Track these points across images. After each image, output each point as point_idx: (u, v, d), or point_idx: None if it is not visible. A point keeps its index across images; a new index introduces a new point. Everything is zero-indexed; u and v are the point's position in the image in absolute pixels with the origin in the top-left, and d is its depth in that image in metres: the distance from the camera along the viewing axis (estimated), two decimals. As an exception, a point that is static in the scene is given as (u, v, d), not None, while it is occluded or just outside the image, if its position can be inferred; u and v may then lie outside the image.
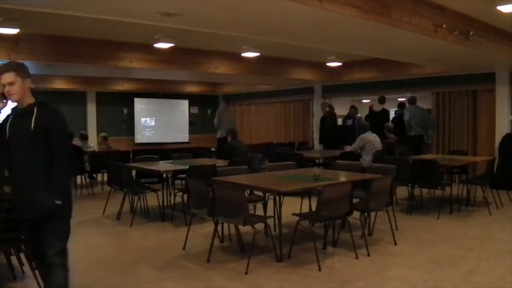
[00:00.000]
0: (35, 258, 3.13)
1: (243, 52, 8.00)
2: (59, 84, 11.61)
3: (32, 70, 2.78)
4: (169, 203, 6.43)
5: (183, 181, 6.39)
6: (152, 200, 6.33)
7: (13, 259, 3.80)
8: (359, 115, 11.26)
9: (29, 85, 2.70)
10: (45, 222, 2.66)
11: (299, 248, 4.57)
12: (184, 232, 4.89)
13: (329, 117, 10.72)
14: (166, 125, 14.63)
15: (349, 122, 10.71)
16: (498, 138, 8.51)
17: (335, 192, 4.28)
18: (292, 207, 5.34)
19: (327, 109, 10.86)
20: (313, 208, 4.77)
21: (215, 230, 4.41)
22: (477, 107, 9.06)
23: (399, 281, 3.77)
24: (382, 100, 9.99)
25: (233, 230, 4.89)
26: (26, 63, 8.19)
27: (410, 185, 6.50)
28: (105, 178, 8.16)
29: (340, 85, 11.64)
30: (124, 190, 6.19)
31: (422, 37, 5.27)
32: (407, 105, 9.57)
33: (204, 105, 15.79)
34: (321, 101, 11.79)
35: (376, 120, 9.38)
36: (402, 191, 7.12)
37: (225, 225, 4.84)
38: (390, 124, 9.02)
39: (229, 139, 7.57)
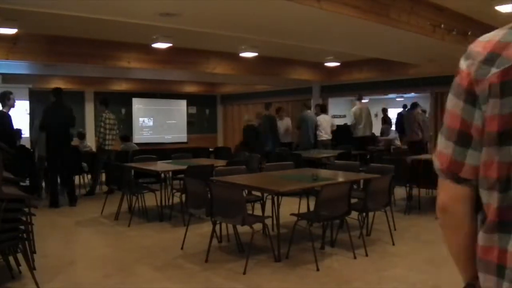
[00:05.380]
0: None
1: (241, 52, 7.99)
2: (57, 84, 11.43)
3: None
4: (167, 203, 6.43)
5: (182, 181, 6.38)
6: (150, 200, 6.32)
7: (11, 259, 3.79)
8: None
9: None
10: None
11: (297, 248, 4.56)
12: (182, 232, 4.88)
13: (384, 119, 11.51)
14: (164, 125, 14.62)
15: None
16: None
17: (333, 192, 4.27)
18: (290, 207, 5.33)
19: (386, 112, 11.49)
20: (311, 208, 4.77)
21: (213, 230, 4.41)
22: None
23: (397, 281, 3.77)
24: (268, 106, 10.14)
25: (231, 230, 4.88)
26: (24, 63, 8.18)
27: (408, 185, 6.50)
28: (104, 178, 8.15)
29: (339, 85, 11.65)
30: (122, 190, 6.18)
31: (420, 37, 5.28)
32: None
33: (202, 105, 15.79)
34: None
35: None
36: (400, 191, 7.12)
37: (223, 225, 4.83)
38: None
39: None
